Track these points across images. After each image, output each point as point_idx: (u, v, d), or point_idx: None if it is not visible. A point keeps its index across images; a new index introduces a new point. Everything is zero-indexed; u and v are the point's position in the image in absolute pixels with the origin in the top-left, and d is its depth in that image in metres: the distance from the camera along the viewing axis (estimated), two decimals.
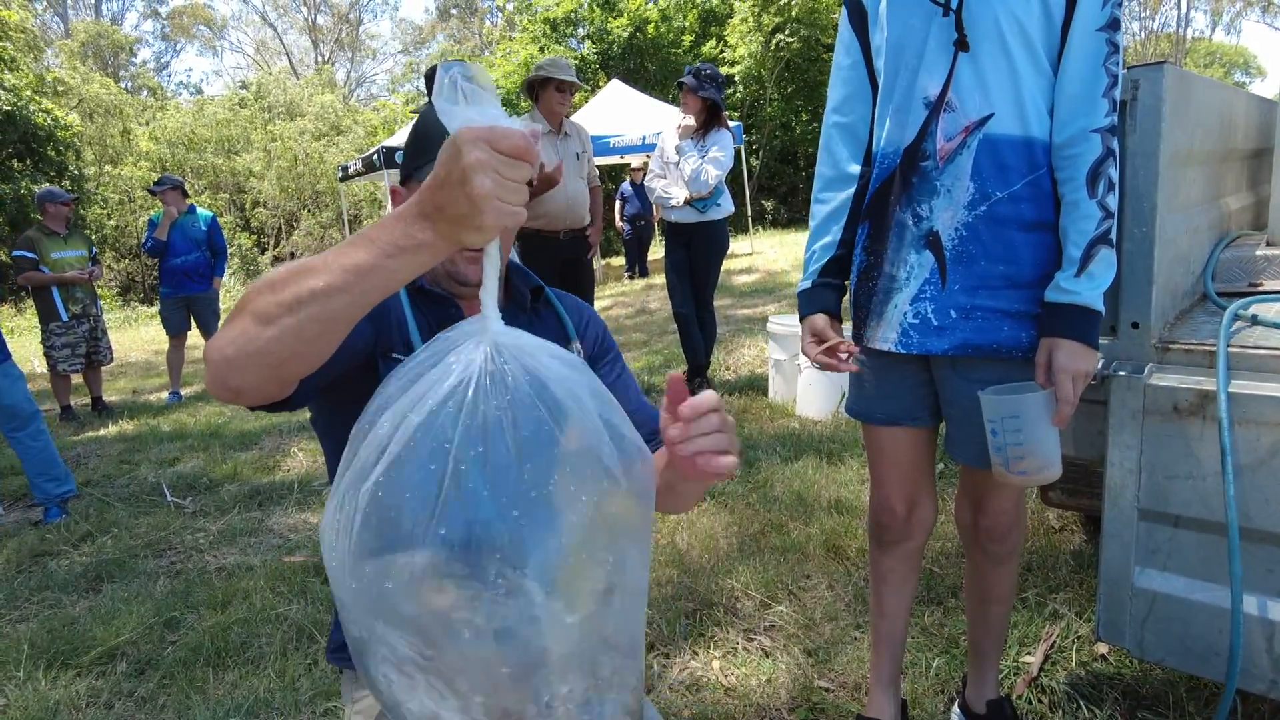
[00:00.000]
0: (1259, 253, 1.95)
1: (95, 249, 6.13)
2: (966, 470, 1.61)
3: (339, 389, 1.09)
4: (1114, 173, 1.35)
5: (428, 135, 1.14)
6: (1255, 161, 2.52)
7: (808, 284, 1.60)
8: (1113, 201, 1.35)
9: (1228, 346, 1.51)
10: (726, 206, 4.57)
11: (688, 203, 4.44)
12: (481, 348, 0.78)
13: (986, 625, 1.69)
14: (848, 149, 1.55)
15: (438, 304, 1.19)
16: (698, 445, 0.83)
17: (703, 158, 4.36)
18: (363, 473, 0.78)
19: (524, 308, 1.25)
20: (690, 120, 4.45)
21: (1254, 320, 1.61)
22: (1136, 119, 1.54)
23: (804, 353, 1.58)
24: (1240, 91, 2.32)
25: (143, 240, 6.36)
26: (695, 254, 4.58)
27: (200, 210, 6.43)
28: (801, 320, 1.59)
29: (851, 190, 1.55)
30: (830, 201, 1.58)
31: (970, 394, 1.44)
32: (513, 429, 0.76)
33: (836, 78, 1.57)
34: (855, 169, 1.55)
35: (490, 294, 0.81)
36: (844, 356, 1.51)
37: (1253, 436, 1.43)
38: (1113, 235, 1.35)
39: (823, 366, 1.54)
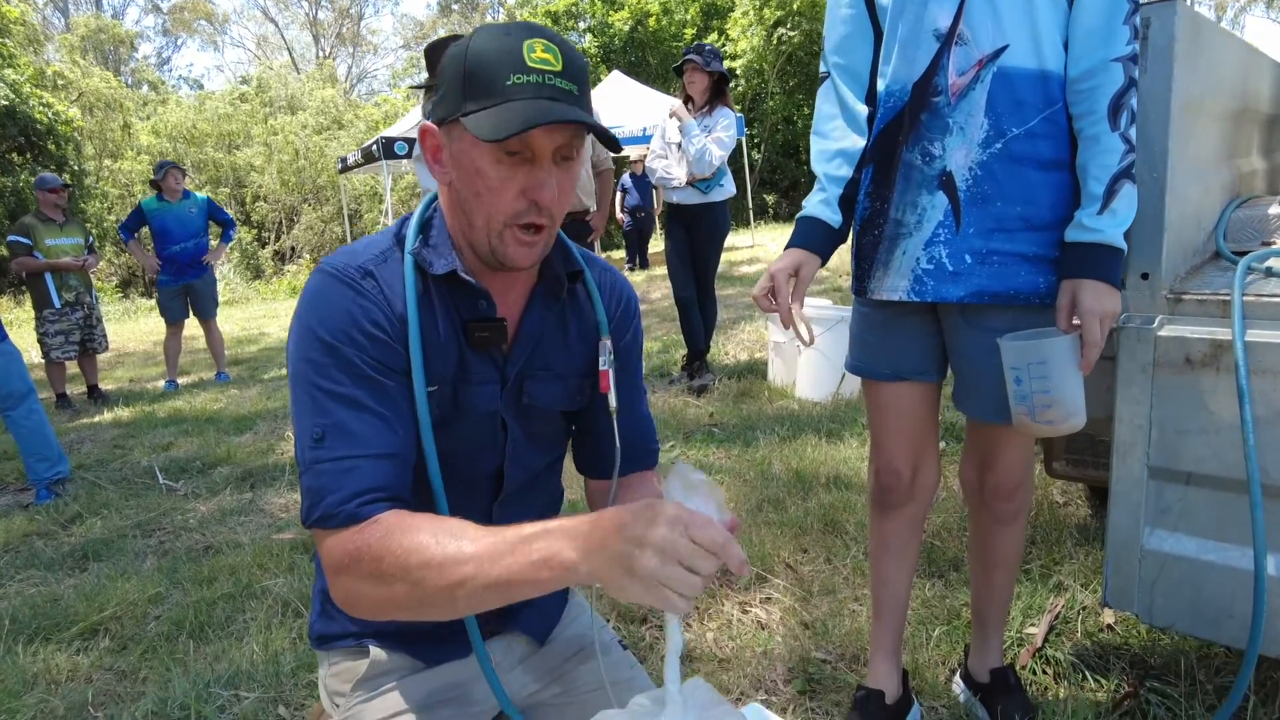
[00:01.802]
0: (1272, 211, 1.89)
1: (92, 238, 6.09)
2: (974, 427, 1.54)
3: None
4: (1135, 104, 1.29)
5: (487, 70, 0.94)
6: (1271, 127, 2.45)
7: (809, 214, 1.48)
8: (1135, 134, 1.29)
9: (1243, 296, 1.44)
10: (729, 188, 4.50)
11: (690, 183, 4.37)
12: None
13: (991, 591, 1.62)
14: (852, 89, 1.48)
15: (466, 294, 1.06)
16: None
17: (708, 136, 4.29)
18: None
19: (558, 295, 1.14)
20: (678, 103, 4.39)
21: (1268, 272, 1.54)
22: (1147, 60, 1.47)
23: (762, 284, 1.45)
24: (1259, 51, 2.25)
25: (124, 220, 6.32)
26: (696, 237, 4.52)
27: (195, 194, 6.39)
28: (786, 247, 1.49)
29: (860, 135, 1.47)
30: (837, 140, 1.48)
31: (982, 344, 1.38)
32: None
33: (834, 18, 1.50)
34: (862, 109, 1.47)
35: (674, 679, 0.82)
36: (786, 327, 1.43)
37: (1268, 387, 1.37)
38: (1135, 170, 1.29)
39: (765, 308, 1.44)
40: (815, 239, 1.47)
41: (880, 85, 1.43)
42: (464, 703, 1.21)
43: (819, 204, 1.48)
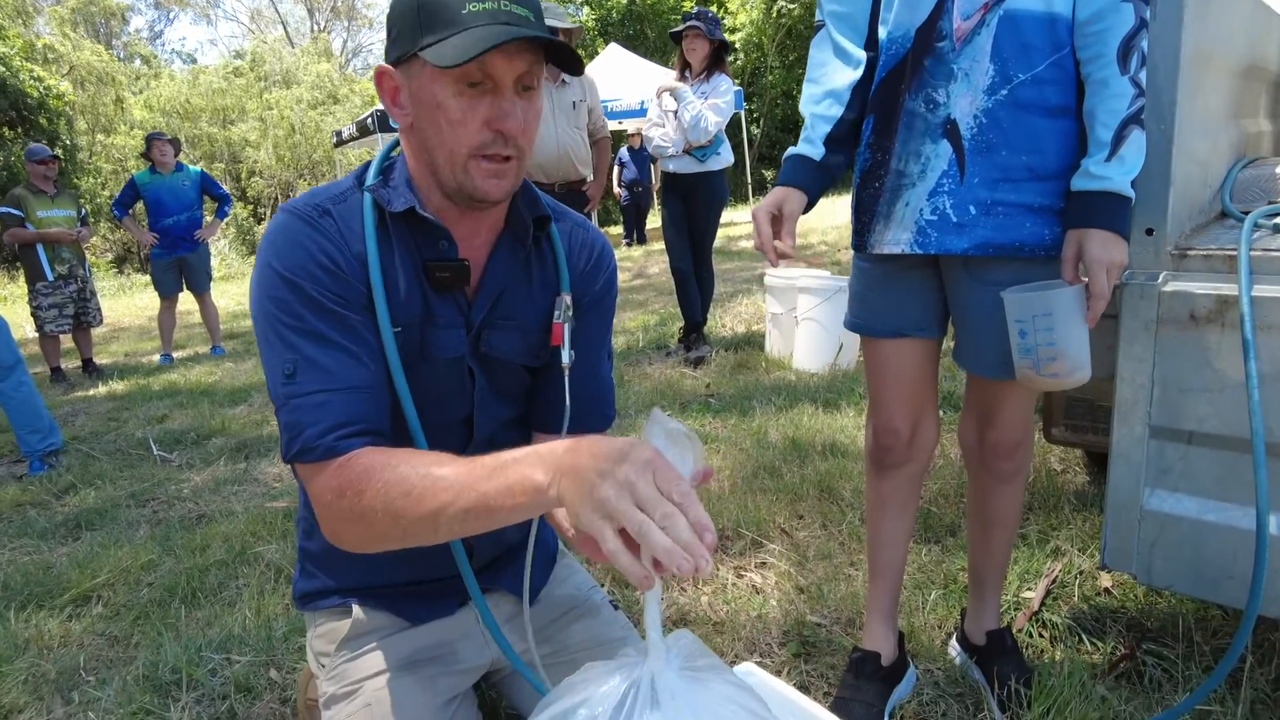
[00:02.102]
0: (1279, 171, 1.85)
1: (85, 210, 6.02)
2: (974, 384, 1.52)
3: None
4: (1145, 46, 1.25)
5: (440, 1, 0.93)
6: (1278, 89, 2.41)
7: (803, 152, 1.43)
8: (1145, 78, 1.25)
9: (1250, 251, 1.41)
10: (726, 157, 4.44)
11: (687, 151, 4.31)
12: (624, 684, 0.78)
13: (989, 552, 1.61)
14: (849, 36, 1.43)
15: (426, 233, 1.05)
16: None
17: (704, 102, 4.22)
18: None
19: (522, 240, 1.11)
20: (669, 82, 4.33)
21: (1276, 228, 1.51)
22: (1157, 5, 1.43)
23: (755, 217, 1.41)
24: (1268, 8, 2.20)
25: (117, 196, 6.25)
26: (693, 207, 4.46)
27: (189, 167, 6.31)
28: (775, 185, 1.45)
29: (856, 73, 1.42)
30: (827, 81, 1.43)
31: (985, 298, 1.35)
32: None
33: None
34: (860, 53, 1.42)
35: (655, 626, 0.79)
36: (774, 258, 1.39)
37: (1274, 343, 1.34)
38: (1144, 115, 1.25)
39: (758, 247, 1.41)
40: (797, 174, 1.43)
41: (882, 33, 1.39)
42: (450, 661, 1.19)
43: (802, 141, 1.44)
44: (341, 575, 1.21)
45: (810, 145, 1.43)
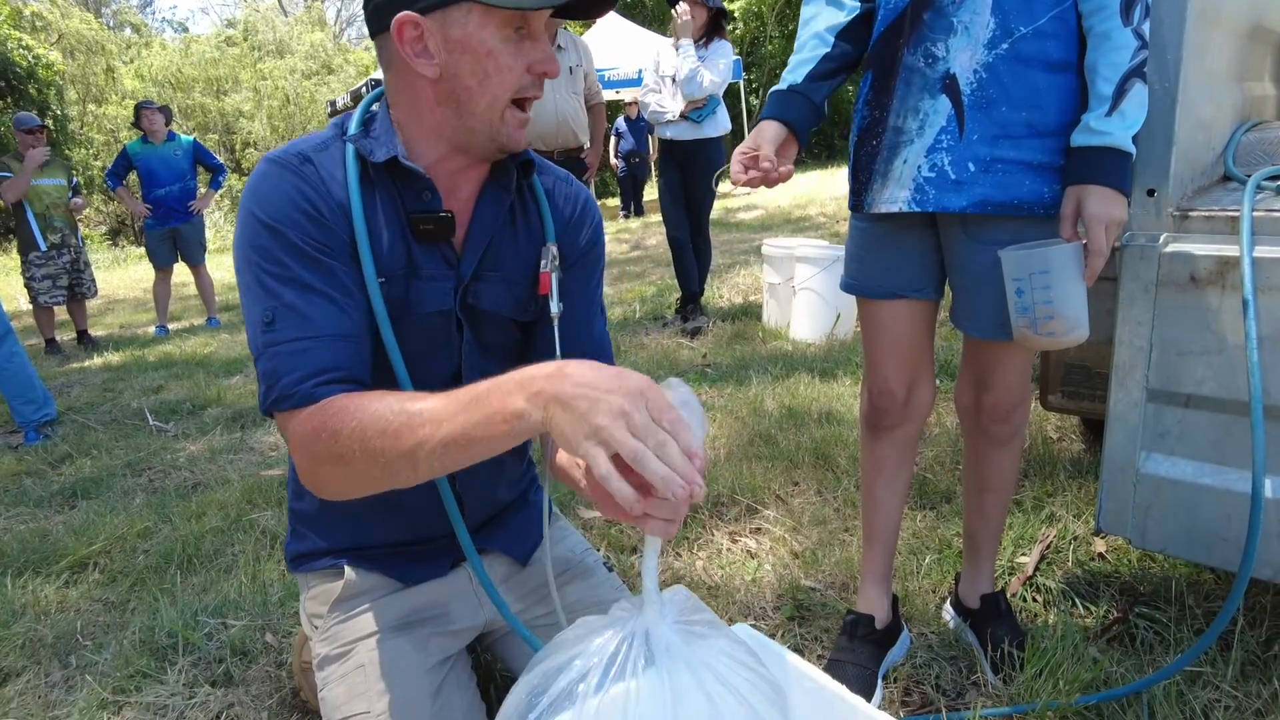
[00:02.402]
0: None
1: (77, 179, 5.96)
2: (971, 346, 1.50)
3: None
4: None
5: None
6: None
7: (783, 86, 1.42)
8: (1148, 30, 1.22)
9: (1253, 211, 1.39)
10: (723, 121, 4.39)
11: (683, 116, 4.26)
12: (619, 637, 0.78)
13: (984, 516, 1.61)
14: None
15: (410, 185, 1.03)
16: (656, 507, 0.76)
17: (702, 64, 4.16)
18: None
19: (507, 189, 1.10)
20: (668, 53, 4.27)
21: (1279, 192, 1.49)
22: None
23: (735, 158, 1.39)
24: None
25: (110, 167, 6.18)
26: (690, 175, 4.41)
27: (181, 136, 6.24)
28: (760, 119, 1.43)
29: (844, 16, 1.39)
30: (815, 27, 1.41)
31: (983, 258, 1.33)
32: None
33: None
34: (852, 1, 1.40)
35: (651, 579, 0.80)
36: (757, 175, 1.36)
37: (1274, 304, 1.33)
38: (1146, 68, 1.22)
39: (744, 182, 1.39)
40: (775, 107, 1.41)
41: None
42: (443, 622, 1.19)
43: (790, 84, 1.42)
44: (332, 535, 1.20)
45: (791, 75, 1.41)
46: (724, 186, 13.75)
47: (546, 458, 1.11)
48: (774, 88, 1.44)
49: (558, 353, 1.13)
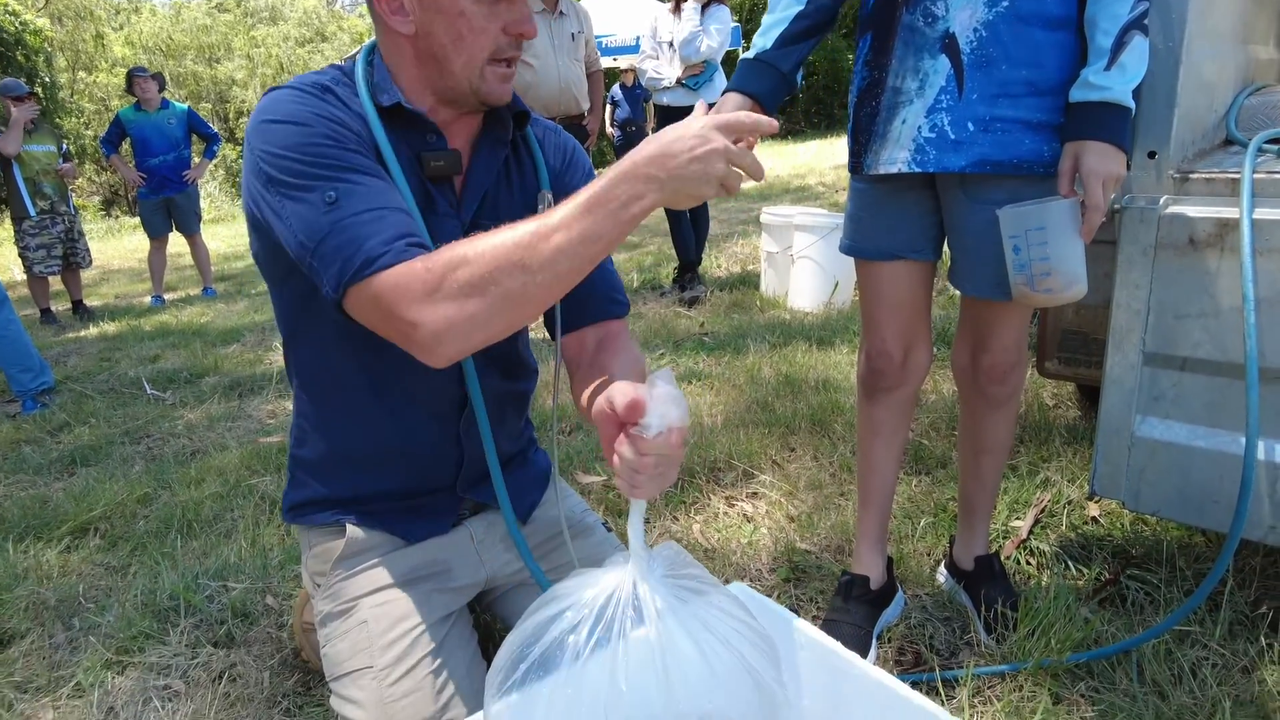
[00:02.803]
0: None
1: (67, 146, 5.89)
2: (969, 307, 1.50)
3: None
4: None
5: None
6: None
7: (750, 54, 1.41)
8: None
9: (1254, 173, 1.38)
10: (720, 88, 4.34)
11: (680, 82, 4.21)
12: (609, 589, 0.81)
13: (979, 478, 1.62)
14: None
15: (412, 126, 1.05)
16: (644, 482, 0.83)
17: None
18: None
19: (502, 140, 1.12)
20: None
21: None
22: None
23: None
24: None
25: (104, 134, 6.11)
26: None
27: (175, 104, 6.16)
28: (724, 91, 1.42)
29: None
30: None
31: (982, 217, 1.33)
32: None
33: None
34: None
35: (637, 534, 0.83)
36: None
37: (1273, 267, 1.33)
38: (1147, 20, 1.21)
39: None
40: (745, 78, 1.39)
41: None
42: (444, 579, 1.20)
43: (758, 53, 1.40)
44: (334, 484, 1.20)
45: (760, 39, 1.39)
46: None
47: (569, 392, 1.12)
48: (742, 55, 1.42)
49: (558, 305, 1.13)
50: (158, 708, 1.52)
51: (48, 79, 15.89)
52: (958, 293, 1.51)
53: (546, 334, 1.23)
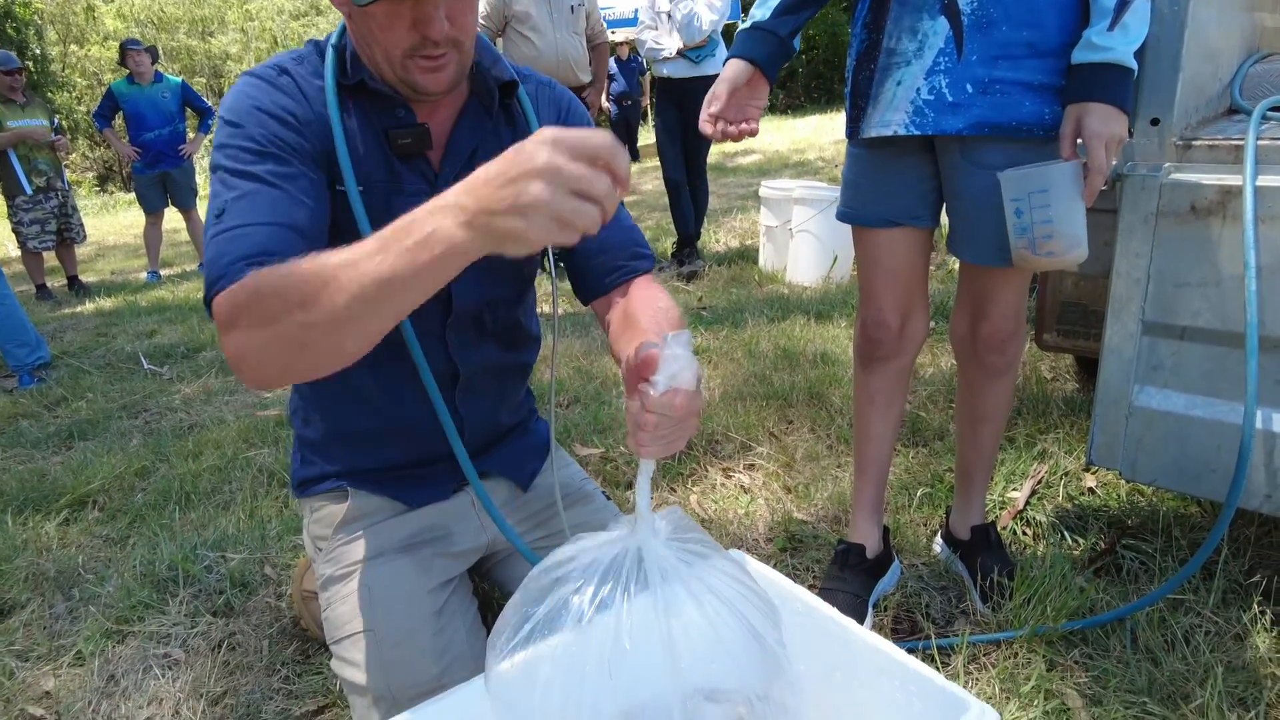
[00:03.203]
0: None
1: (58, 120, 5.82)
2: (968, 274, 1.50)
3: None
4: None
5: None
6: None
7: (748, 24, 1.38)
8: None
9: (1257, 140, 1.37)
10: (721, 60, 4.29)
11: (680, 54, 4.16)
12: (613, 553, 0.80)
13: (978, 447, 1.62)
14: None
15: (382, 104, 1.04)
16: (648, 440, 0.79)
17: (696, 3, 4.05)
18: None
19: (489, 109, 1.10)
20: None
21: None
22: None
23: (706, 107, 1.38)
24: None
25: (96, 107, 6.04)
26: (688, 114, 4.33)
27: (168, 77, 6.08)
28: (725, 60, 1.40)
29: None
30: None
31: (981, 182, 1.32)
32: None
33: None
34: None
35: (644, 498, 0.81)
36: (732, 130, 1.36)
37: (1276, 235, 1.32)
38: None
39: (709, 132, 1.37)
40: (745, 45, 1.36)
41: None
42: (445, 544, 1.21)
43: (754, 21, 1.37)
44: (339, 460, 1.22)
45: (758, 14, 1.37)
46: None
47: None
48: (740, 25, 1.40)
49: (552, 270, 1.12)
50: (158, 675, 1.53)
51: (39, 52, 15.71)
52: (956, 267, 1.50)
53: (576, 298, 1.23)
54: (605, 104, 11.03)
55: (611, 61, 10.99)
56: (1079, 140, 1.23)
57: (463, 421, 1.20)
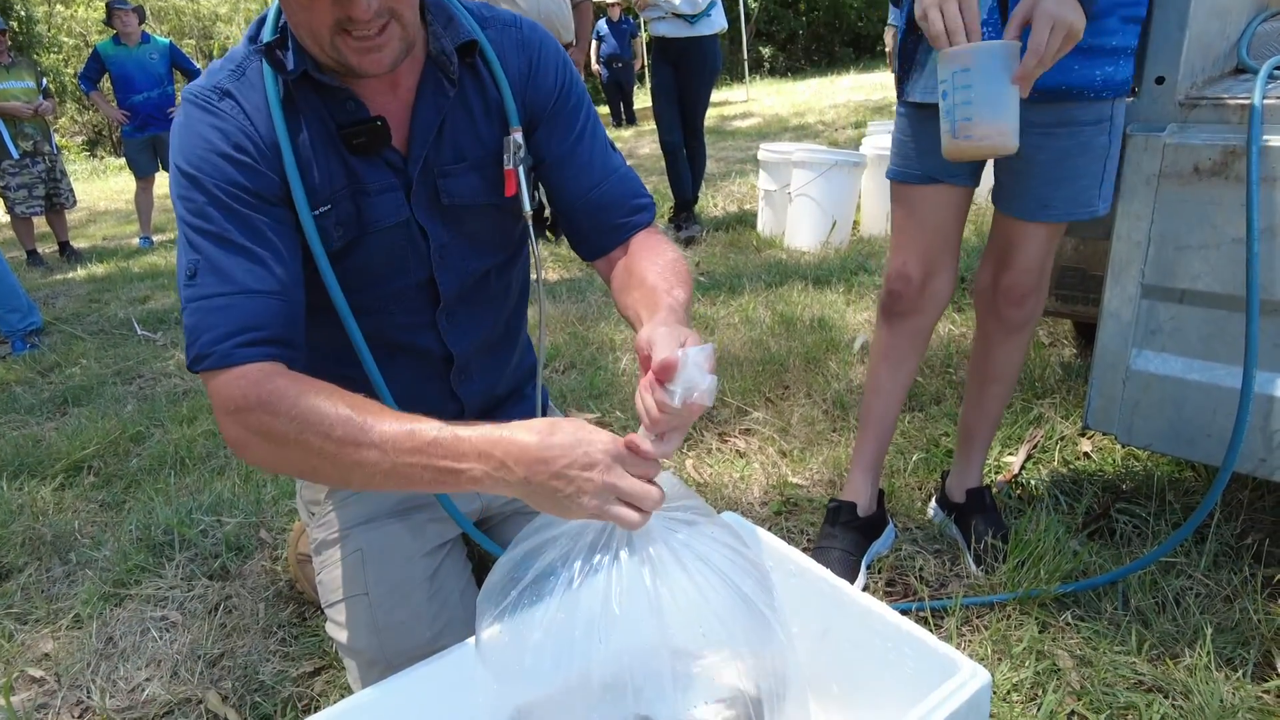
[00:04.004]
0: None
1: (46, 82, 5.72)
2: (999, 224, 1.49)
3: None
4: None
5: None
6: None
7: None
8: None
9: (1264, 99, 1.34)
10: (718, 20, 4.21)
11: (675, 14, 4.08)
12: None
13: (983, 407, 1.62)
14: None
15: (332, 98, 0.95)
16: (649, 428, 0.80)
17: None
18: None
19: (450, 76, 1.00)
20: None
21: None
22: None
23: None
24: None
25: (82, 69, 5.92)
26: (684, 75, 4.26)
27: (156, 38, 5.96)
28: None
29: None
30: None
31: (1029, 141, 1.30)
32: None
33: None
34: None
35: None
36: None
37: (1278, 197, 1.30)
38: None
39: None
40: None
41: None
42: (438, 508, 1.20)
43: None
44: None
45: None
46: (721, 93, 13.33)
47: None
48: None
49: (535, 253, 1.09)
50: (156, 638, 1.54)
51: (23, 12, 15.39)
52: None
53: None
54: (596, 67, 10.88)
55: (602, 23, 10.79)
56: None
57: (461, 406, 1.19)
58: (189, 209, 0.91)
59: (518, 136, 1.04)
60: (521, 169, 1.03)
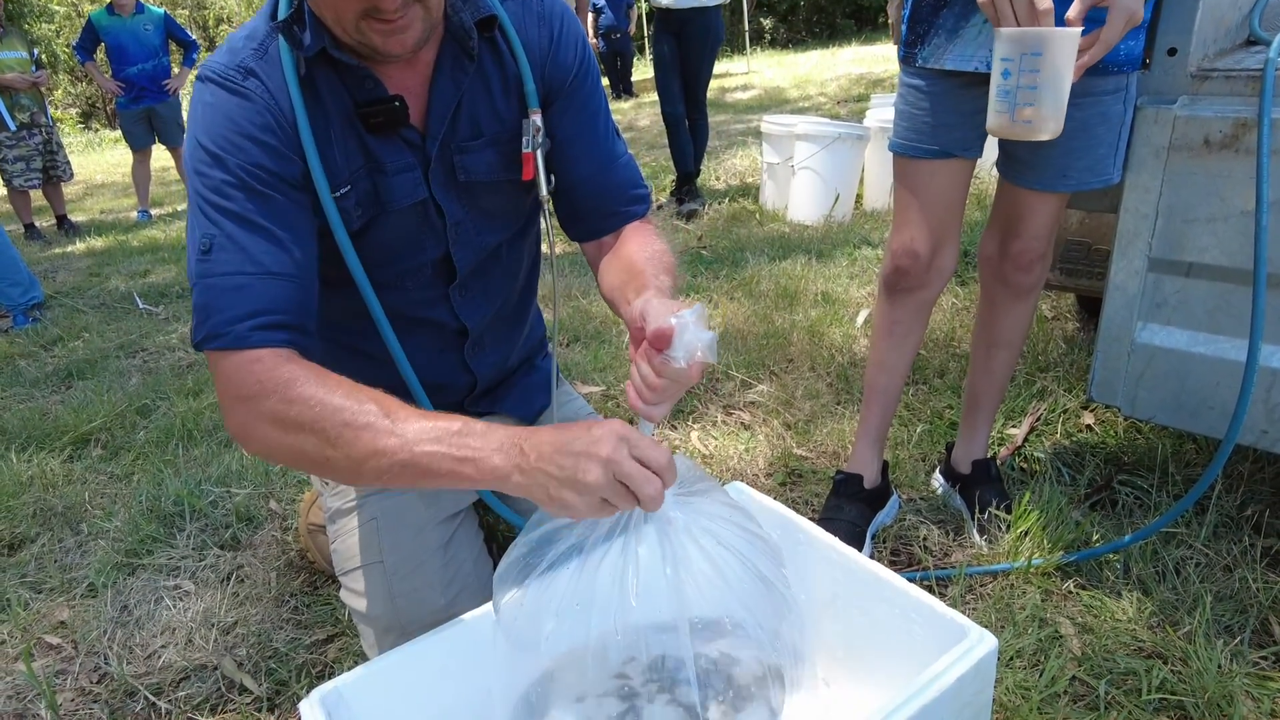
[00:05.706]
0: None
1: (38, 52, 5.65)
2: (1006, 193, 1.49)
3: None
4: None
5: None
6: None
7: None
8: None
9: (1276, 71, 1.34)
10: None
11: None
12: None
13: (990, 374, 1.63)
14: None
15: (350, 76, 0.94)
16: (654, 400, 0.82)
17: None
18: None
19: (470, 52, 0.99)
20: None
21: None
22: None
23: None
24: None
25: (77, 40, 5.85)
26: (686, 46, 4.21)
27: (150, 8, 5.88)
28: None
29: None
30: None
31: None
32: None
33: None
34: None
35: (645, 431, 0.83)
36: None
37: None
38: None
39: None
40: None
41: None
42: None
43: None
44: None
45: None
46: (723, 65, 13.18)
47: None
48: None
49: (552, 238, 1.09)
50: (170, 606, 1.56)
51: None
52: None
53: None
54: (592, 39, 10.73)
55: None
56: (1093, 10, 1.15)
57: (474, 377, 1.20)
58: (208, 185, 0.89)
59: (537, 119, 1.03)
60: (539, 153, 1.03)
